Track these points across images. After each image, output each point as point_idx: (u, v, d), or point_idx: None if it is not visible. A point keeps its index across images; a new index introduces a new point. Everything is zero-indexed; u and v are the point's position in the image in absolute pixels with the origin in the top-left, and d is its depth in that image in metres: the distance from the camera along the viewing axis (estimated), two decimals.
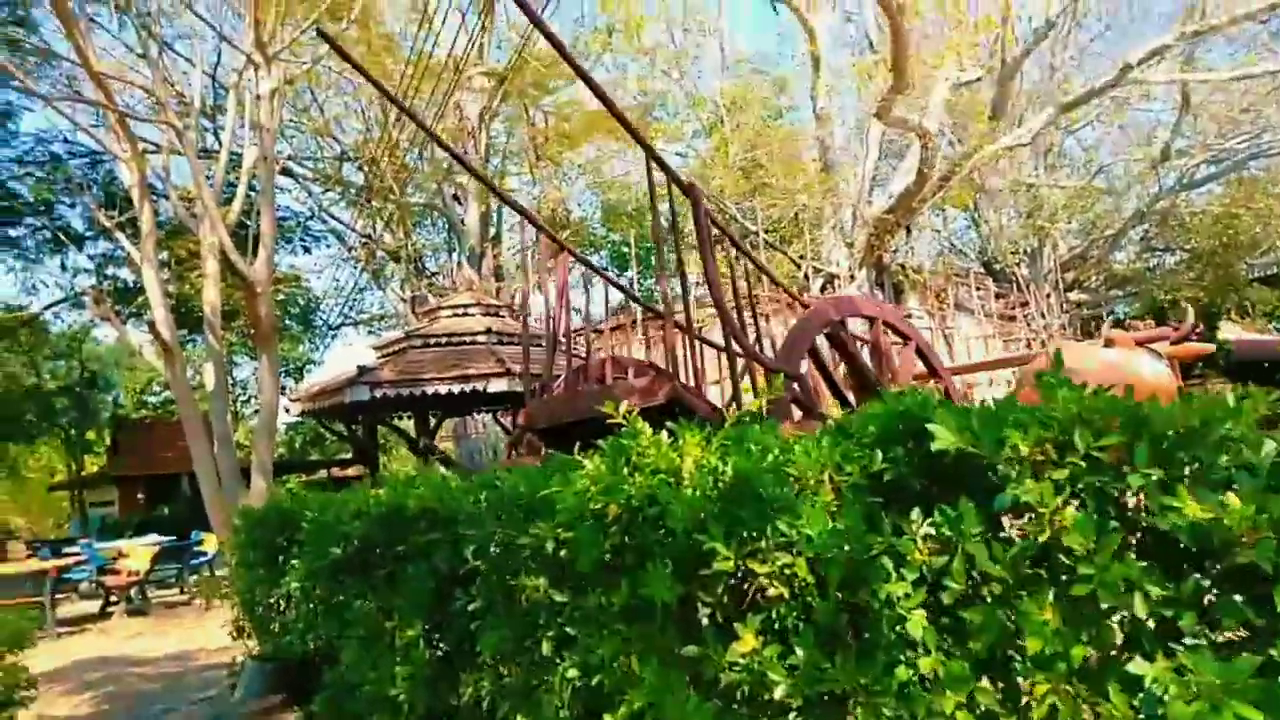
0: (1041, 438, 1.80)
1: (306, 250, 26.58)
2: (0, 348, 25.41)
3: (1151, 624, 1.69)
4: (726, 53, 27.18)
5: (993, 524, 1.89)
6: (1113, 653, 1.73)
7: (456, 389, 8.79)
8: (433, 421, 11.01)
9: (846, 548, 1.94)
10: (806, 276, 22.70)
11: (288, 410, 12.81)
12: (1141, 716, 1.63)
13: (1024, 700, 1.85)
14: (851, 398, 4.71)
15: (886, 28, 12.23)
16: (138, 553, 12.28)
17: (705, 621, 2.32)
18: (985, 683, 1.85)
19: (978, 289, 24.55)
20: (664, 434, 2.50)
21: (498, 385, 8.88)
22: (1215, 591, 1.64)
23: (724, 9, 26.71)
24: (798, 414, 4.12)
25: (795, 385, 4.05)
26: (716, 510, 2.24)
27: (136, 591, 12.00)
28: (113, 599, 12.05)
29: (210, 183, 12.17)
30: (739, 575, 2.22)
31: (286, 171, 22.52)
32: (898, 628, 1.92)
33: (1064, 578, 1.83)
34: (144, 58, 13.15)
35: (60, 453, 28.62)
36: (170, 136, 12.54)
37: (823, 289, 21.19)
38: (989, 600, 1.87)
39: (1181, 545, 1.67)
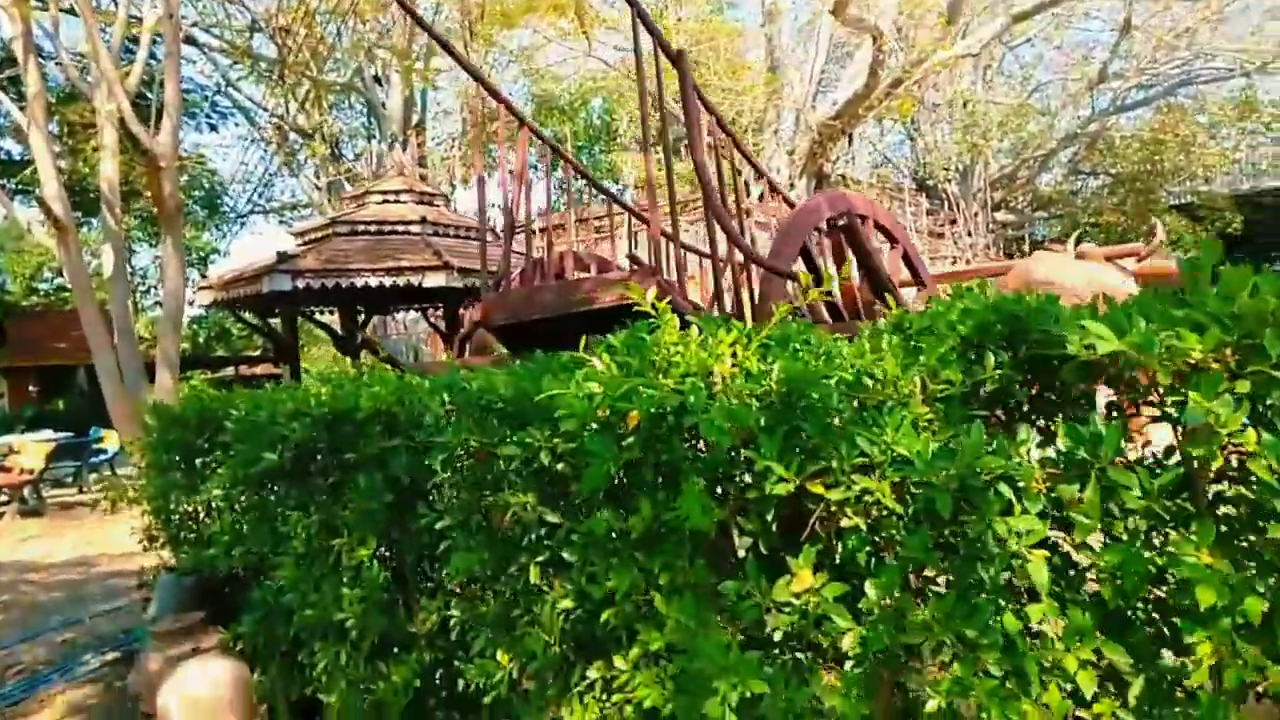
0: (1222, 342, 1.42)
1: (213, 128, 24.70)
2: None
3: None
4: None
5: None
6: None
7: (389, 282, 8.03)
8: (360, 318, 10.25)
9: (954, 471, 1.56)
10: (746, 183, 22.22)
11: (193, 301, 11.87)
12: None
13: (1174, 660, 1.53)
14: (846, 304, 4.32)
15: None
16: (31, 449, 11.36)
17: (744, 554, 1.94)
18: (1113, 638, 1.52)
19: (910, 205, 24.54)
20: (693, 330, 2.05)
21: (434, 279, 8.16)
22: None
23: None
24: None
25: (788, 286, 3.65)
26: (768, 421, 1.83)
27: (30, 491, 11.15)
28: (3, 497, 11.18)
29: (107, 43, 10.84)
30: (794, 500, 1.83)
31: (190, 40, 20.56)
32: (1009, 569, 1.56)
33: (1234, 514, 1.49)
34: None
35: None
36: None
37: (761, 197, 20.78)
38: (1125, 539, 1.53)
39: None
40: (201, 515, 4.18)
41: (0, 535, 9.88)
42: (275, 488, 3.42)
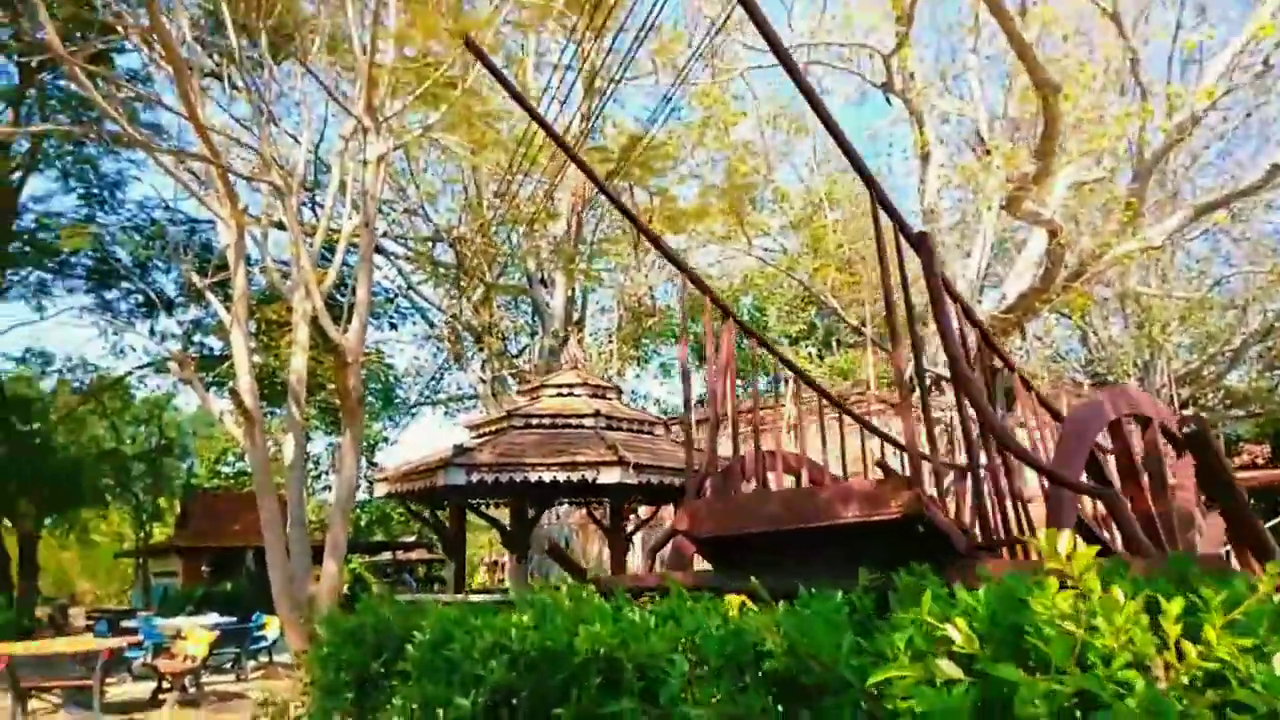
0: None
1: (393, 326, 26.45)
2: (84, 410, 25.63)
3: None
4: (819, 150, 26.70)
5: None
6: None
7: (562, 477, 7.80)
8: (530, 511, 10.02)
9: None
10: (910, 379, 21.39)
11: (369, 491, 12.00)
12: None
13: None
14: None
15: (1040, 110, 11.34)
16: (196, 636, 11.41)
17: None
18: None
19: None
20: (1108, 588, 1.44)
21: (608, 475, 7.86)
22: None
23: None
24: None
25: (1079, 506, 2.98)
26: None
27: (191, 679, 11.07)
28: (165, 685, 11.13)
29: (308, 247, 11.77)
30: None
31: (379, 249, 22.48)
32: None
33: None
34: (249, 129, 13.10)
35: (130, 519, 28.45)
36: (269, 200, 12.27)
37: (925, 392, 19.82)
38: None
39: None
40: None
41: None
42: None
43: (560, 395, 9.75)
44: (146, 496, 27.48)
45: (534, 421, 9.22)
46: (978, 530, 3.14)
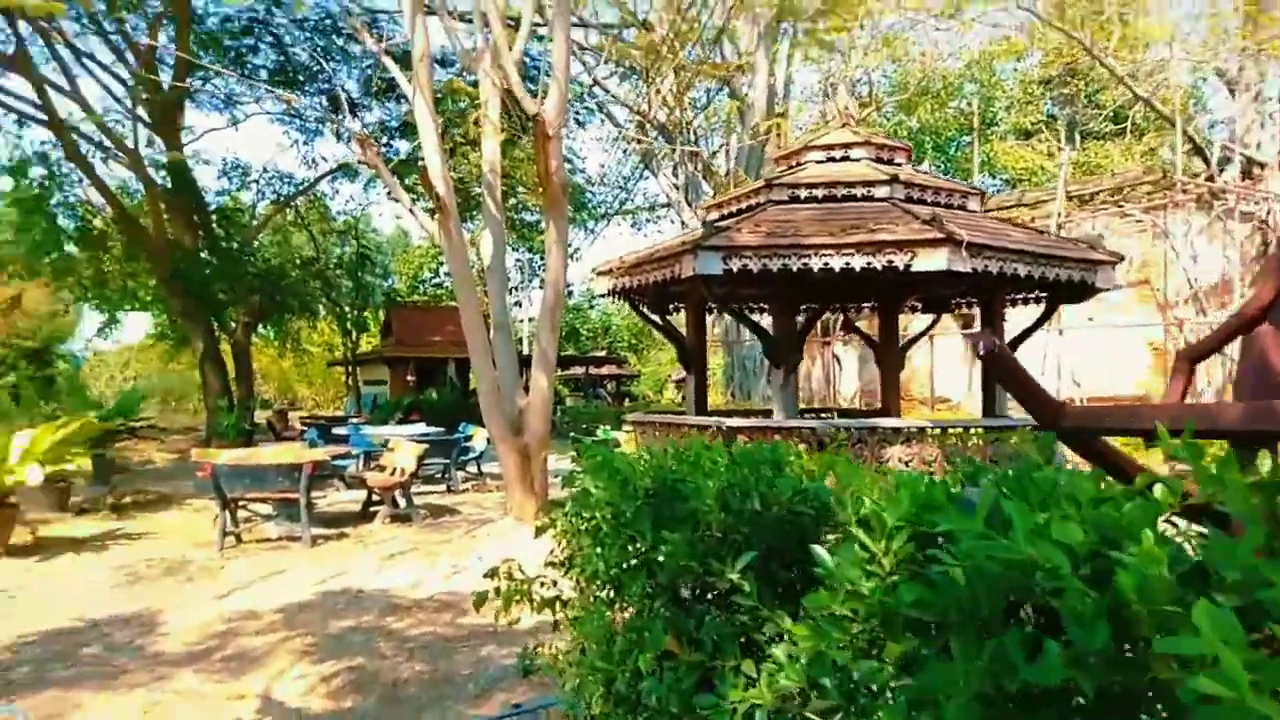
0: None
1: (579, 124, 24.33)
2: (284, 223, 25.76)
3: None
4: None
5: None
6: None
7: (859, 262, 5.51)
8: (800, 317, 7.78)
9: None
10: (1207, 162, 17.20)
11: (589, 288, 10.20)
12: None
13: None
14: None
15: None
16: (404, 448, 10.47)
17: None
18: None
19: None
20: None
21: (930, 259, 5.50)
22: None
23: None
24: None
25: None
26: None
27: (401, 493, 10.22)
28: (375, 498, 10.36)
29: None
30: None
31: None
32: None
33: None
34: None
35: (338, 331, 29.22)
36: None
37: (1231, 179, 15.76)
38: None
39: None
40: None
41: (367, 544, 8.84)
42: None
43: (833, 160, 7.20)
44: (350, 307, 27.92)
45: (803, 193, 6.78)
46: None
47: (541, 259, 35.40)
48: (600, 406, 27.24)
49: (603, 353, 39.32)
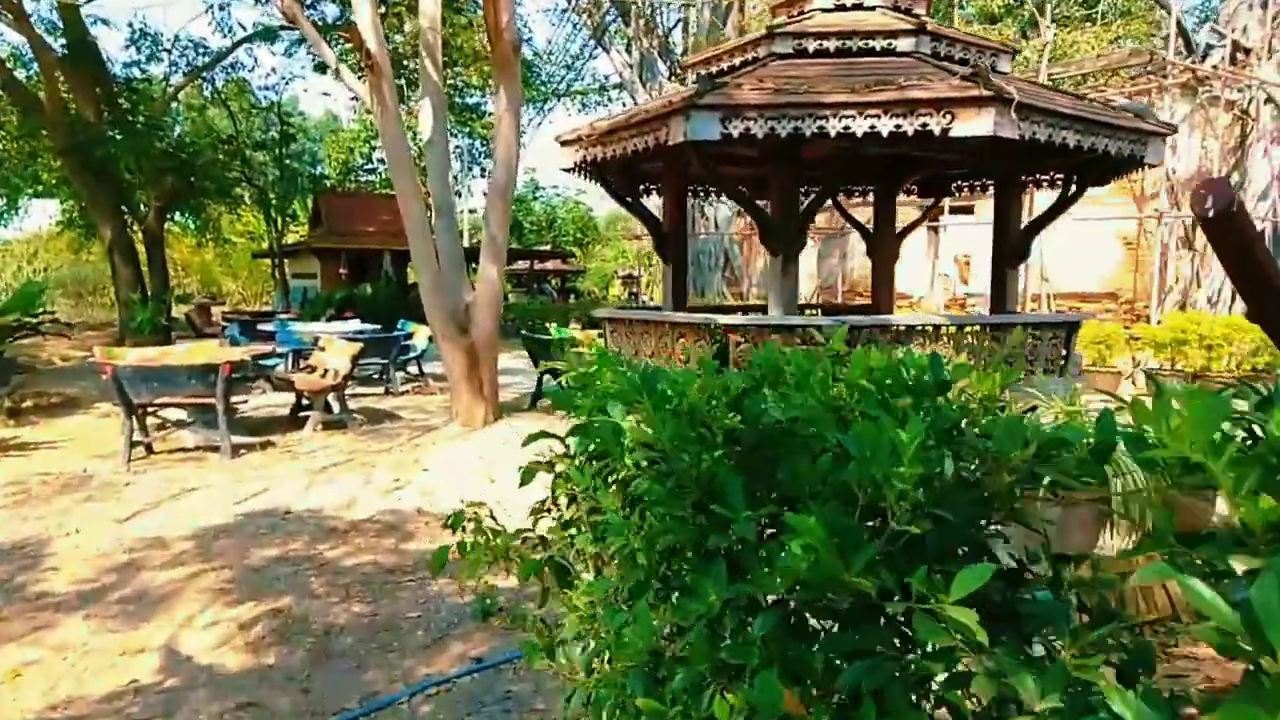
0: None
1: None
2: (200, 99, 23.46)
3: None
4: None
5: None
6: None
7: (887, 125, 4.50)
8: (802, 200, 6.61)
9: None
10: (1191, 48, 16.41)
11: (532, 177, 9.02)
12: None
13: None
14: None
15: None
16: (337, 347, 9.42)
17: None
18: None
19: None
20: None
21: (973, 122, 4.51)
22: None
23: None
24: None
25: None
26: None
27: (335, 397, 9.22)
28: (304, 402, 9.36)
29: None
30: None
31: None
32: None
33: None
34: None
35: (261, 221, 27.17)
36: None
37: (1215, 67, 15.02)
38: None
39: None
40: None
41: (296, 454, 7.89)
42: None
43: (843, 8, 5.98)
44: (275, 193, 25.86)
45: (811, 45, 5.63)
46: None
47: (483, 145, 33.46)
48: (546, 303, 26.08)
49: (547, 246, 37.86)
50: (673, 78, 21.39)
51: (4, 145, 19.74)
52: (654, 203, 8.78)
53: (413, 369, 13.22)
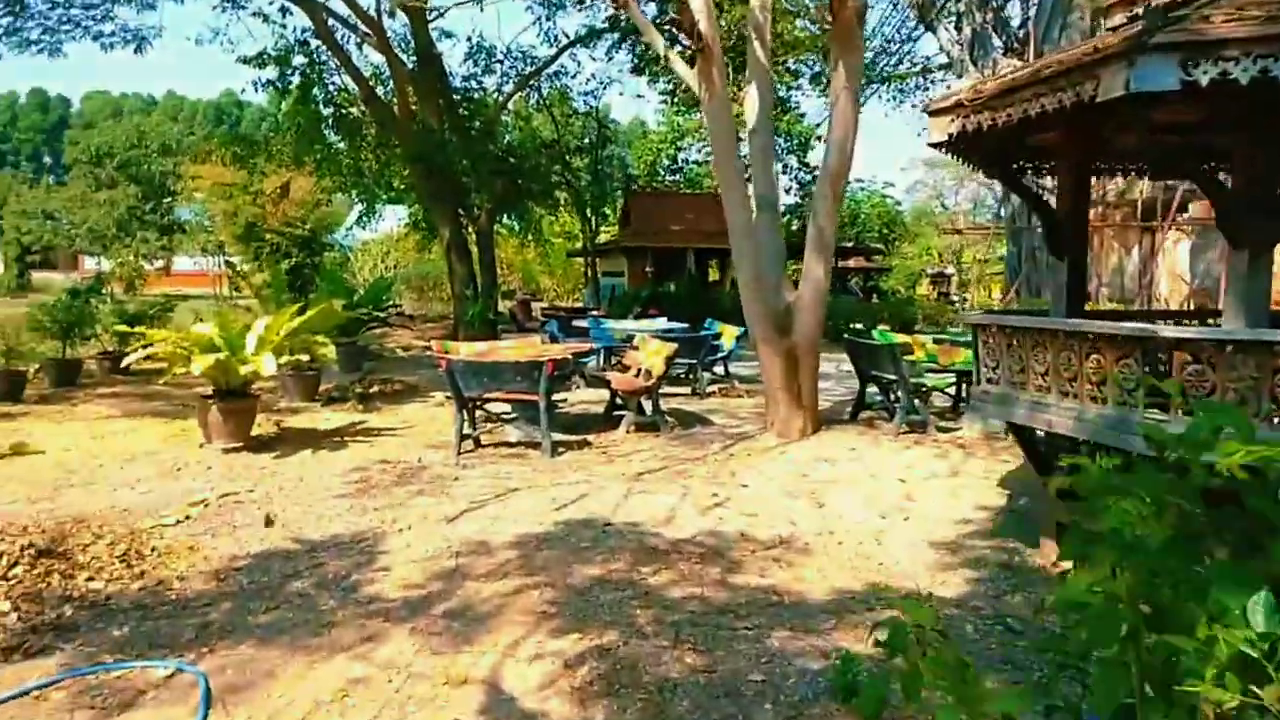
0: None
1: None
2: (525, 105, 25.01)
3: None
4: None
5: None
6: None
7: None
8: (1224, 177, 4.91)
9: None
10: None
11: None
12: None
13: None
14: None
15: None
16: (651, 347, 9.11)
17: None
18: None
19: None
20: None
21: None
22: None
23: None
24: None
25: None
26: None
27: (648, 399, 8.92)
28: (618, 402, 9.17)
29: None
30: None
31: None
32: None
33: None
34: None
35: (577, 220, 28.53)
36: None
37: None
38: None
39: None
40: None
41: (611, 460, 7.61)
42: None
43: None
44: (590, 195, 27.03)
45: None
46: None
47: (787, 140, 32.59)
48: (852, 303, 24.71)
49: (850, 243, 36.22)
50: (1008, 53, 19.16)
51: (365, 156, 22.20)
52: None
53: (719, 369, 12.78)
